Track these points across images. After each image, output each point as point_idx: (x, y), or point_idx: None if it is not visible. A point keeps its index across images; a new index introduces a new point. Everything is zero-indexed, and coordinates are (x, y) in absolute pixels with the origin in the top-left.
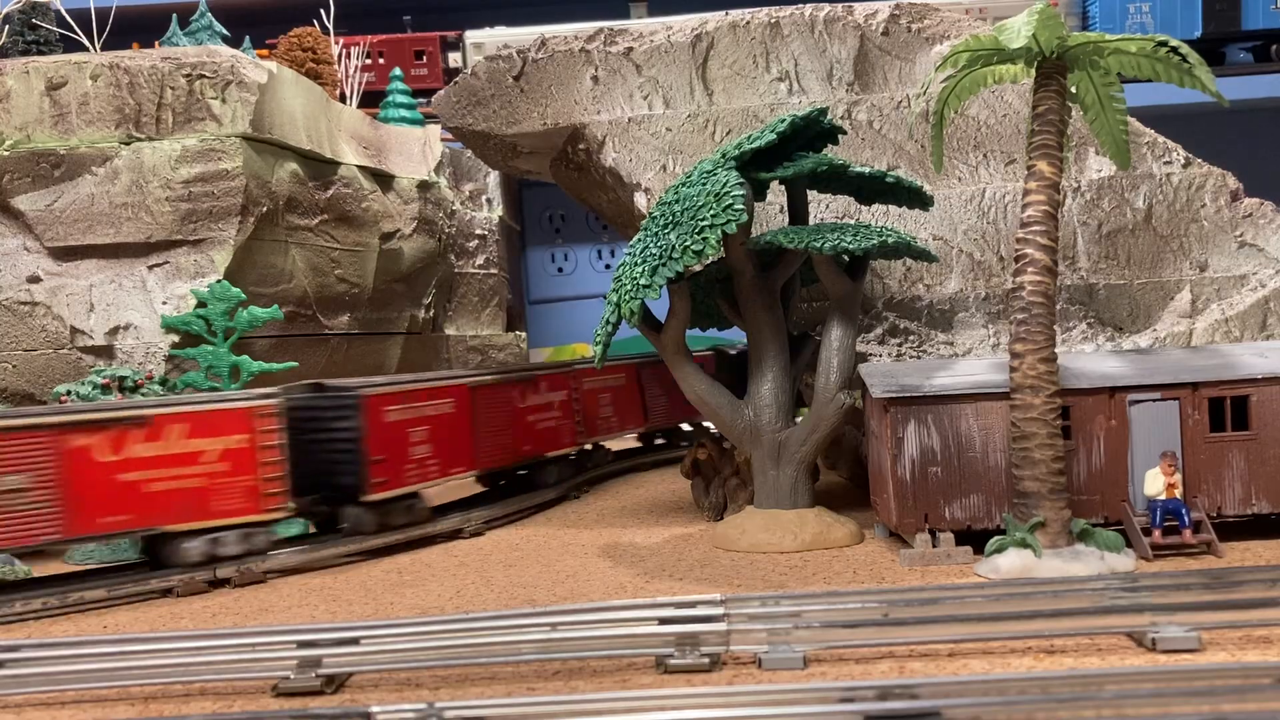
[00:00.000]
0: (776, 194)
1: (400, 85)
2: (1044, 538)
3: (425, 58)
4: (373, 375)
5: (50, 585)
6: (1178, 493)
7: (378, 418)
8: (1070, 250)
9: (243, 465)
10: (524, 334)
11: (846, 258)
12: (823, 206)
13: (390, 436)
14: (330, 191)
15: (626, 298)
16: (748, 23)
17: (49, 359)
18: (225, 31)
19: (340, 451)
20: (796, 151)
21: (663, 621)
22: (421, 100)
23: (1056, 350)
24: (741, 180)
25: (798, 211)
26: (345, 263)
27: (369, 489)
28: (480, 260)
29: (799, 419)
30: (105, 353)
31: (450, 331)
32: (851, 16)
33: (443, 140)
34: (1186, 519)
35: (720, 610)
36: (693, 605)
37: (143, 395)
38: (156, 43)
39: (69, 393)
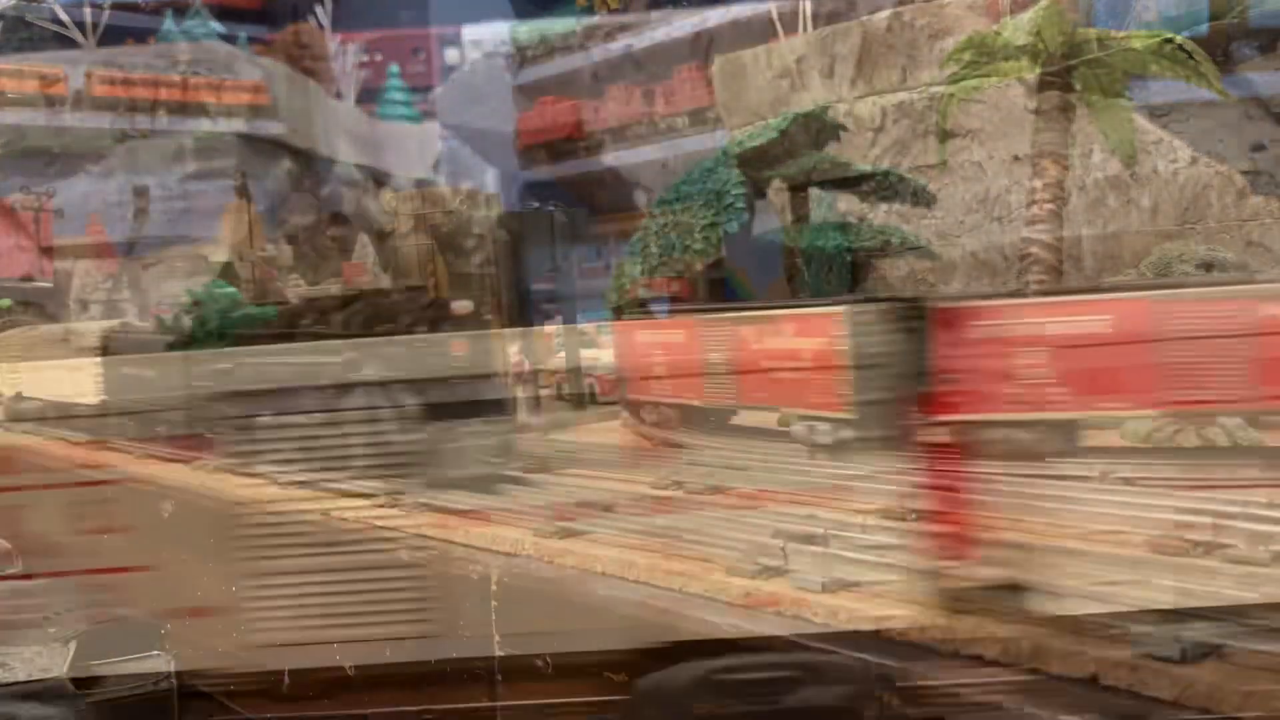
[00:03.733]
0: (776, 193)
1: (397, 82)
2: None
3: (423, 54)
4: None
5: None
6: None
7: None
8: (1073, 249)
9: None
10: None
11: (847, 257)
12: (823, 206)
13: None
14: (327, 189)
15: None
16: (748, 21)
17: None
18: (221, 29)
19: None
20: (798, 149)
21: None
22: (419, 97)
23: None
24: (742, 179)
25: (798, 211)
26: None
27: None
28: (479, 259)
29: None
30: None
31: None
32: (854, 13)
33: (440, 137)
34: None
35: None
36: None
37: None
38: (152, 39)
39: None
